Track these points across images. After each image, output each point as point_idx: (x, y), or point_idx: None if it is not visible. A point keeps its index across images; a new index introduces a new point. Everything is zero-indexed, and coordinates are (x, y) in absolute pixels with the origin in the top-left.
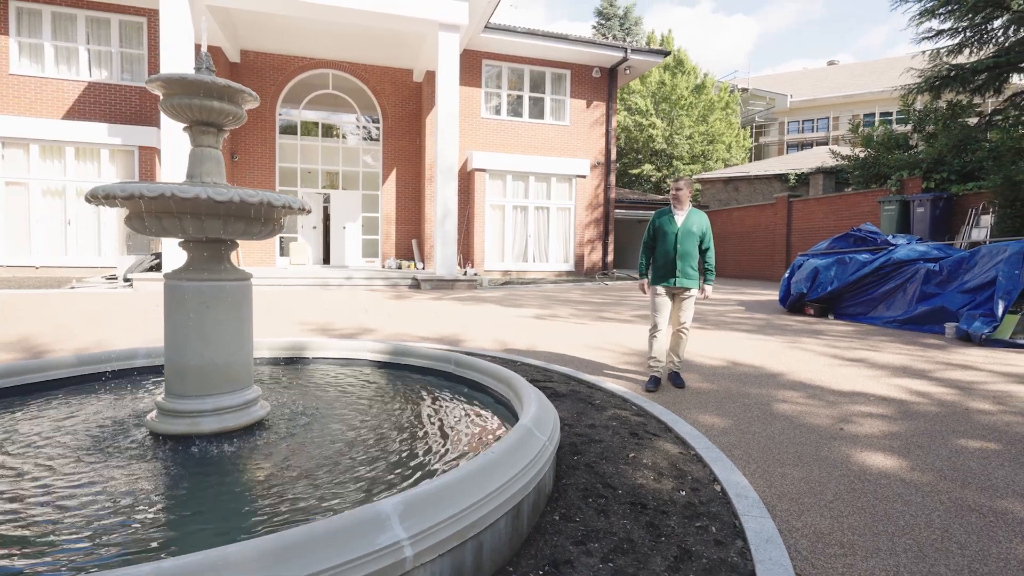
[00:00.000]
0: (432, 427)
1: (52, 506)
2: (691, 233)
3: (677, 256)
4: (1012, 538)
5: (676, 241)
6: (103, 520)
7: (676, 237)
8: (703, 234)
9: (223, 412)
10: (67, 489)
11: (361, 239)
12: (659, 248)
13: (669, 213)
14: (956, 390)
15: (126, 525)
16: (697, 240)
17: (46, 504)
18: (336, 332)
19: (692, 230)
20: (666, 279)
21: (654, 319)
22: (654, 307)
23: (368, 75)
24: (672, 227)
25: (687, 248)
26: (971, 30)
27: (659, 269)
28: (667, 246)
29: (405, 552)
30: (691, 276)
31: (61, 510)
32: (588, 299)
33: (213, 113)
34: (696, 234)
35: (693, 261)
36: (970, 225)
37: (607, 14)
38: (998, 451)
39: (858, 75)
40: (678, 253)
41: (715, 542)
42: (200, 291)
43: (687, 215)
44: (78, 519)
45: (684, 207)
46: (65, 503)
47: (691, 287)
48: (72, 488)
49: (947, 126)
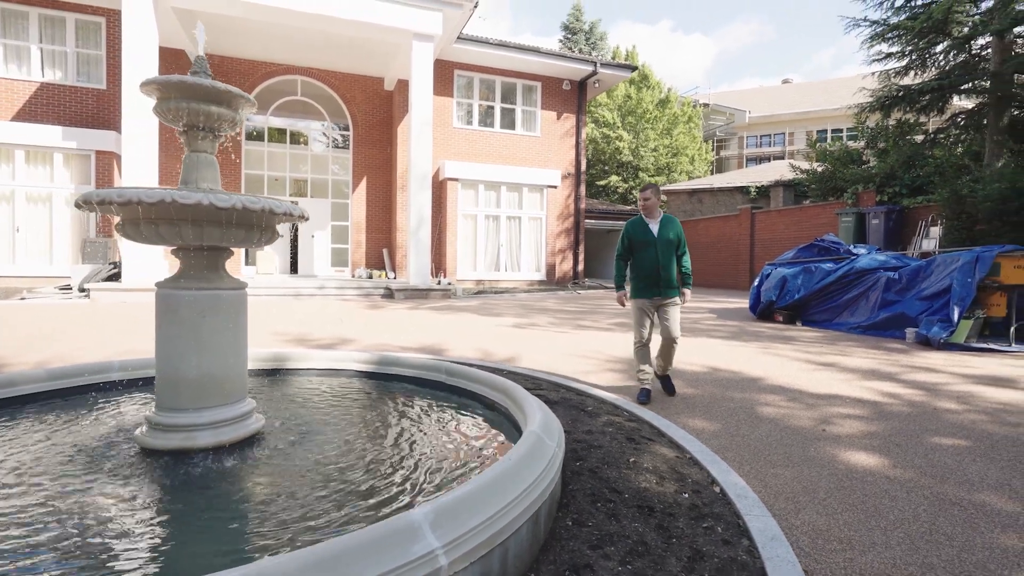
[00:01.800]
0: (431, 436)
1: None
2: (669, 242)
3: (660, 267)
4: (993, 528)
5: (657, 252)
6: (104, 543)
7: (656, 248)
8: (679, 239)
9: (220, 425)
10: (56, 510)
11: (330, 248)
12: (638, 260)
13: (642, 223)
14: (923, 391)
15: (131, 548)
16: (674, 247)
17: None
18: (314, 343)
19: (670, 238)
20: (650, 291)
21: (639, 333)
22: (638, 321)
23: (338, 82)
24: (649, 237)
25: (668, 258)
26: (916, 54)
27: (642, 281)
28: (648, 258)
29: (440, 561)
30: (674, 285)
31: (56, 526)
32: (564, 308)
33: (211, 118)
34: (673, 241)
35: (673, 268)
36: (920, 236)
37: (573, 28)
38: (969, 447)
39: (811, 93)
40: (661, 264)
41: (723, 542)
42: (196, 300)
43: (661, 223)
44: (74, 541)
45: (655, 215)
46: (58, 524)
47: (674, 296)
48: (59, 509)
49: (897, 143)
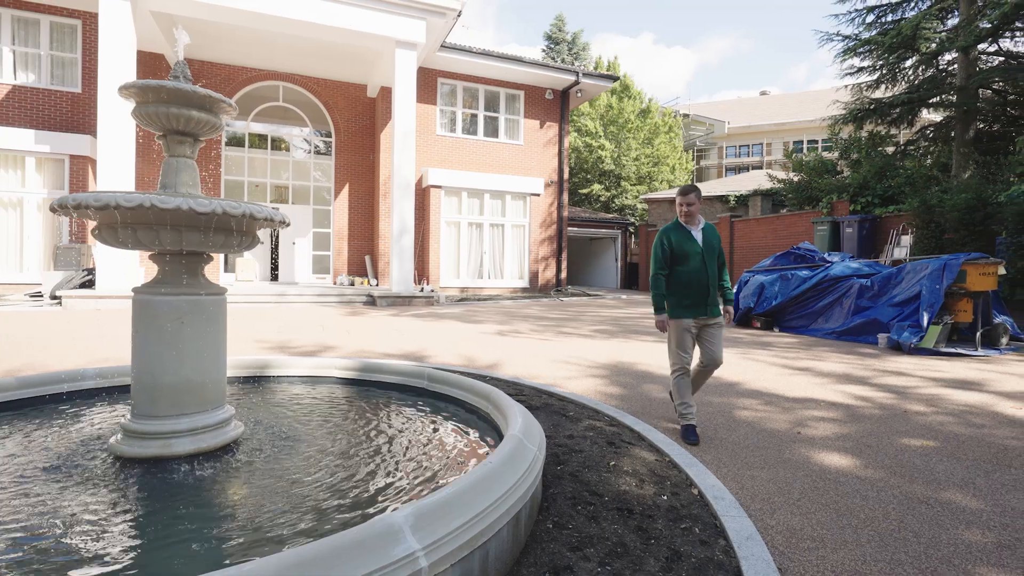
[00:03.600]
0: (413, 442)
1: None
2: (714, 251)
3: (709, 281)
4: (958, 525)
5: (705, 264)
6: (73, 553)
7: (703, 259)
8: (720, 249)
9: (199, 432)
10: (24, 520)
11: (312, 255)
12: (680, 274)
13: (684, 230)
14: (893, 394)
15: (102, 558)
16: (716, 258)
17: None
18: (296, 350)
19: (714, 247)
20: (695, 309)
21: (680, 359)
22: (680, 345)
23: (320, 89)
24: (694, 247)
25: (713, 269)
26: (886, 68)
27: (686, 298)
28: (694, 271)
29: (420, 563)
30: (716, 303)
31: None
32: (546, 315)
33: (191, 123)
34: (717, 251)
35: (716, 283)
36: (892, 244)
37: (556, 39)
38: (936, 448)
39: (787, 105)
40: (709, 277)
41: (700, 542)
42: (175, 306)
43: (704, 231)
44: (41, 552)
45: (698, 221)
46: (25, 533)
47: (716, 316)
48: (27, 519)
49: (869, 154)
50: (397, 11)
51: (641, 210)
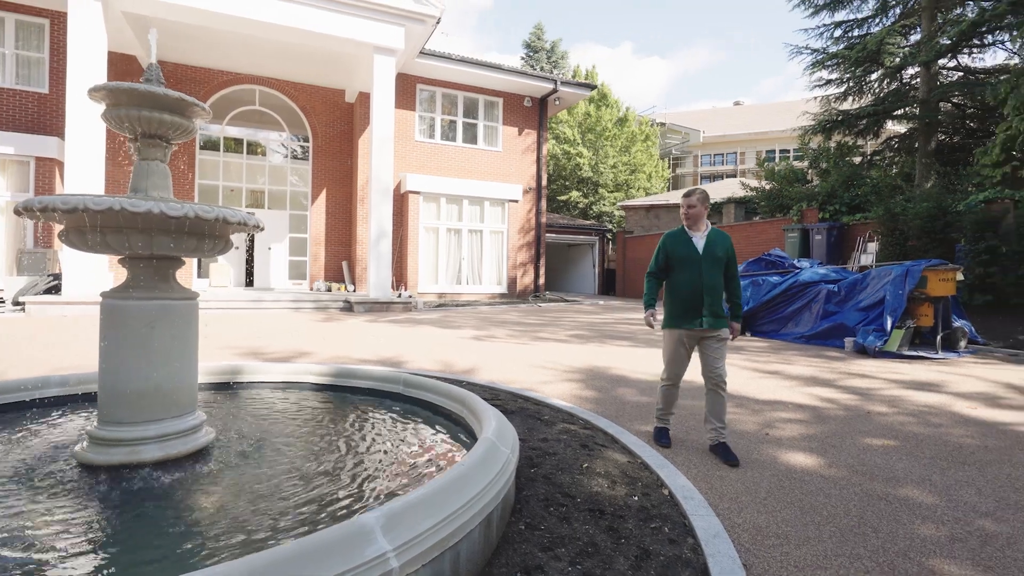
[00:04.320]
0: (387, 447)
1: None
2: (716, 260)
3: (704, 290)
4: (914, 520)
5: (701, 272)
6: (35, 563)
7: (700, 266)
8: (728, 257)
9: (168, 439)
10: None
11: (288, 260)
12: (676, 281)
13: (684, 235)
14: (858, 396)
15: (65, 567)
16: (723, 267)
17: None
18: (270, 356)
19: (717, 255)
20: (690, 320)
21: (670, 370)
22: (672, 356)
23: (298, 93)
24: (691, 252)
25: (714, 279)
26: (853, 81)
27: (679, 307)
28: (689, 279)
29: (391, 563)
30: (721, 314)
31: None
32: (524, 320)
33: (163, 126)
34: (722, 260)
35: (720, 294)
36: (859, 251)
37: (535, 47)
38: (896, 447)
39: (761, 115)
40: (705, 286)
41: (669, 540)
42: (145, 311)
43: (708, 237)
44: (6, 566)
45: (702, 226)
46: None
47: (721, 327)
48: None
49: (837, 164)
50: (376, 17)
51: (619, 217)
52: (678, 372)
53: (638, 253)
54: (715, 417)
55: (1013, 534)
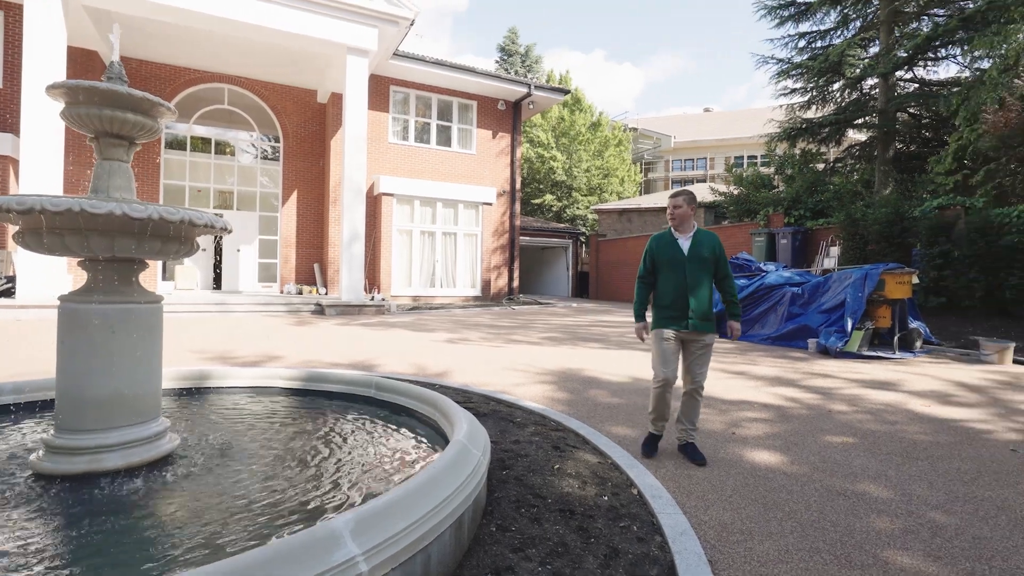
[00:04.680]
0: (358, 452)
1: None
2: (703, 260)
3: (690, 292)
4: (870, 513)
5: (686, 273)
6: None
7: (685, 268)
8: (717, 260)
9: (130, 446)
10: None
11: (257, 263)
12: (663, 283)
13: (669, 237)
14: (819, 395)
15: None
16: (711, 268)
17: None
18: (238, 361)
19: (704, 256)
20: (676, 322)
21: (660, 370)
22: (660, 355)
23: (268, 93)
24: (677, 254)
25: (700, 280)
26: (816, 90)
27: (666, 309)
28: (675, 279)
29: (360, 568)
30: (708, 317)
31: None
32: (497, 323)
33: (126, 126)
34: (709, 261)
35: (709, 296)
36: (822, 255)
37: (509, 51)
38: (855, 444)
39: (729, 122)
40: (691, 288)
41: (637, 539)
42: (106, 315)
43: (694, 238)
44: None
45: (688, 228)
46: None
47: (707, 331)
48: None
49: (801, 170)
50: (349, 18)
51: (592, 220)
52: (669, 371)
53: (611, 256)
54: (687, 419)
55: (961, 525)
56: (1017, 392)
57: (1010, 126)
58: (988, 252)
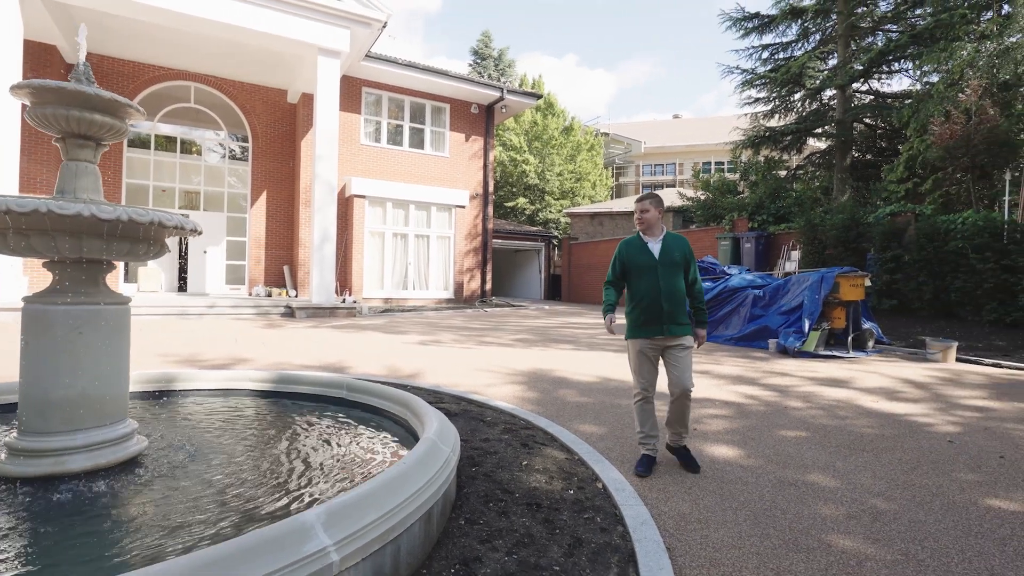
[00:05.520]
0: (329, 452)
1: None
2: (674, 264)
3: (663, 297)
4: (818, 501)
5: (659, 279)
6: None
7: (657, 272)
8: (686, 262)
9: (96, 448)
10: None
11: (225, 264)
12: (635, 290)
13: (639, 242)
14: (777, 393)
15: None
16: (680, 272)
17: None
18: (205, 364)
19: (675, 259)
20: (651, 329)
21: (638, 383)
22: (637, 368)
23: (237, 92)
24: (648, 259)
25: (673, 285)
26: (779, 100)
27: (639, 316)
28: (648, 286)
29: (331, 557)
30: (683, 321)
31: None
32: (470, 325)
33: (93, 126)
34: (680, 264)
35: (681, 300)
36: (784, 259)
37: (483, 54)
38: (807, 437)
39: (698, 129)
40: (663, 293)
41: (600, 529)
42: (72, 316)
43: (664, 242)
44: None
45: (656, 232)
46: None
47: (684, 334)
48: None
49: (765, 177)
50: (321, 18)
51: (564, 224)
52: (647, 383)
53: (583, 259)
54: (679, 423)
55: (899, 510)
56: (957, 388)
57: (955, 138)
58: (936, 257)
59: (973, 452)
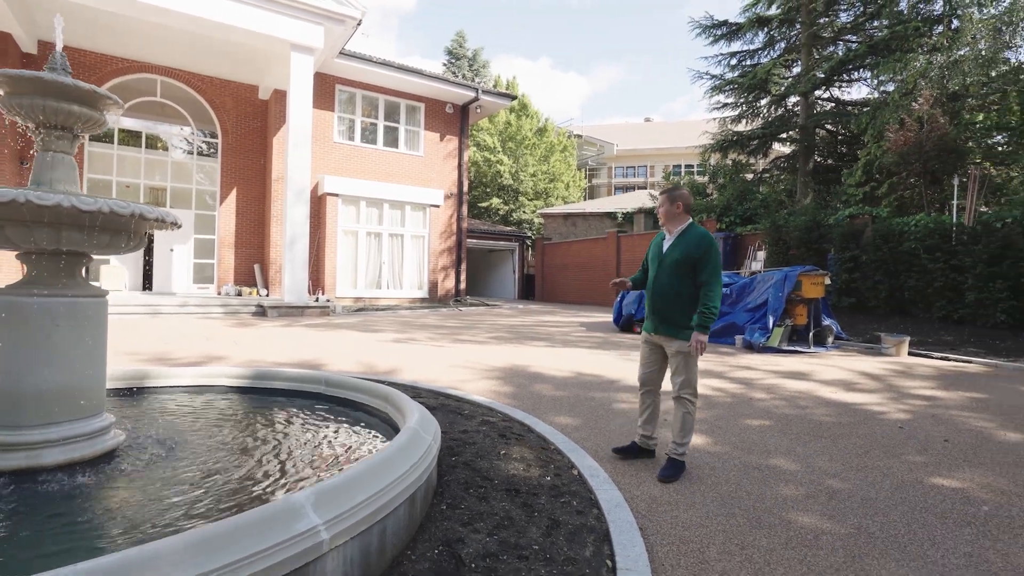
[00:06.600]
0: (309, 444)
1: None
2: (675, 262)
3: (654, 294)
4: (780, 483)
5: (656, 273)
6: None
7: (657, 268)
8: (695, 261)
9: (72, 442)
10: None
11: (193, 263)
12: (647, 284)
13: (661, 236)
14: (742, 385)
15: None
16: (684, 272)
17: None
18: (177, 362)
19: (676, 257)
20: (647, 324)
21: (639, 371)
22: (641, 358)
23: (206, 86)
24: (655, 253)
25: (666, 282)
26: (746, 105)
27: (645, 309)
28: (650, 280)
29: (322, 535)
30: (674, 322)
31: None
32: (444, 324)
33: (71, 117)
34: (683, 263)
35: (676, 300)
36: (750, 259)
37: (457, 54)
38: (770, 426)
39: (669, 132)
40: (654, 290)
41: (577, 512)
42: (49, 308)
43: (677, 237)
44: None
45: (673, 227)
46: None
47: (673, 338)
48: None
49: (732, 180)
50: (294, 14)
51: (538, 224)
52: (644, 374)
53: (557, 259)
54: (672, 431)
55: (852, 489)
56: (908, 379)
57: (908, 144)
58: (891, 257)
59: (921, 437)
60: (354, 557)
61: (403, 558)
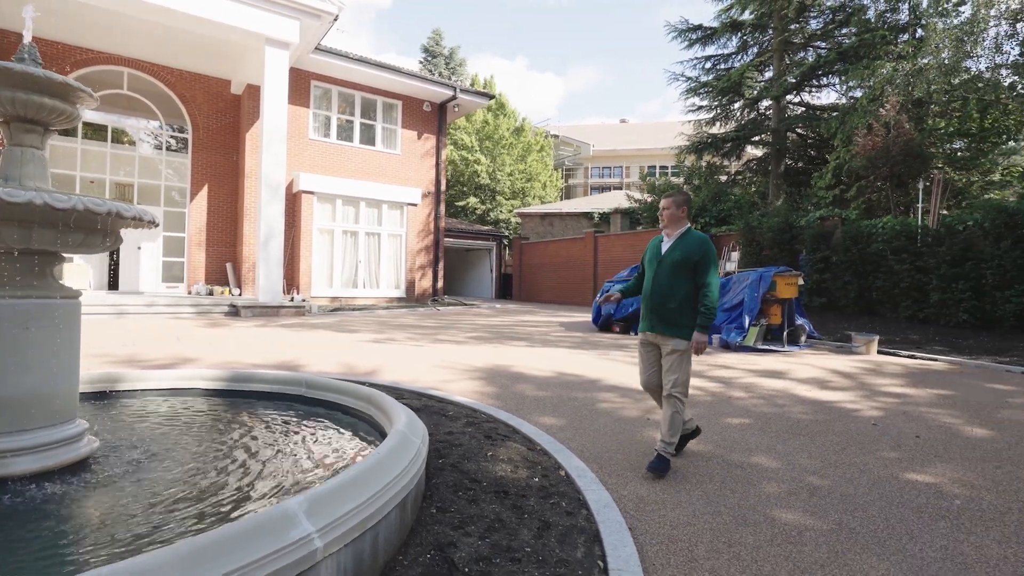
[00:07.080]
0: (292, 449)
1: None
2: (673, 264)
3: (654, 294)
4: (762, 481)
5: (655, 274)
6: None
7: (655, 269)
8: (694, 263)
9: (45, 449)
10: None
11: (161, 261)
12: (645, 285)
13: (659, 238)
14: (722, 384)
15: None
16: (683, 272)
17: None
18: (149, 364)
19: (675, 259)
20: (644, 324)
21: (640, 376)
22: (639, 357)
23: (175, 80)
24: (654, 255)
25: (665, 282)
26: (720, 108)
27: (641, 310)
28: (647, 280)
29: (315, 543)
30: (671, 322)
31: None
32: (422, 323)
33: (43, 111)
34: (681, 264)
35: (674, 299)
36: (725, 259)
37: (433, 52)
38: (750, 424)
39: (644, 133)
40: (654, 290)
41: (566, 513)
42: (17, 310)
43: (675, 240)
44: None
45: (673, 230)
46: None
47: (669, 337)
48: None
49: (707, 181)
50: (270, 8)
51: (515, 223)
52: (648, 378)
53: (534, 259)
54: (660, 429)
55: (832, 486)
56: (879, 377)
57: (876, 149)
58: (859, 258)
59: (894, 433)
60: (347, 565)
61: (395, 564)
